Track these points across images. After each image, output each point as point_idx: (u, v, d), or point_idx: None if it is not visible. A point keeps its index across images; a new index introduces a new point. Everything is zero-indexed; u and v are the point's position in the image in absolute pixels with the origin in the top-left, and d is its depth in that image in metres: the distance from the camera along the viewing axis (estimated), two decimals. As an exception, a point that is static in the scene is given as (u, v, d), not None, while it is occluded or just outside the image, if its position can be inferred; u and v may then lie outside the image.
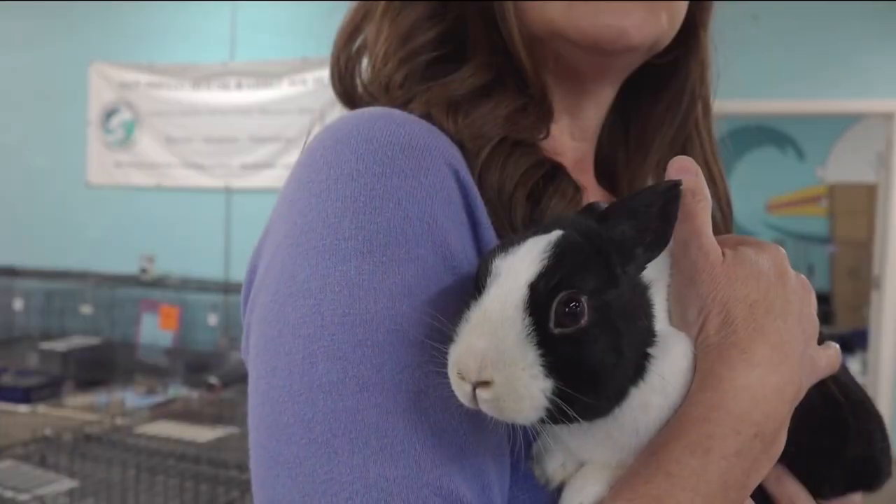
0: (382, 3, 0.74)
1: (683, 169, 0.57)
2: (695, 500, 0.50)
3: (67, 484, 2.57)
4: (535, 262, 0.50)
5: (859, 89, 5.38)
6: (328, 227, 0.55)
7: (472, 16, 0.72)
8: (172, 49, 6.13)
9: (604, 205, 0.58)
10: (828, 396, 0.63)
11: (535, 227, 0.56)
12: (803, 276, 0.62)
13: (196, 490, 2.57)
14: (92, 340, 5.68)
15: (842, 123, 8.02)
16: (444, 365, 0.52)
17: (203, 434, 3.14)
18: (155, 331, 5.72)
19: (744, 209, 9.04)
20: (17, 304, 6.04)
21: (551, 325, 0.49)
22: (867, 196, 7.43)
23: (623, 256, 0.53)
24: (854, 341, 6.73)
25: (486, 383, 0.49)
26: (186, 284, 5.79)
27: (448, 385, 0.51)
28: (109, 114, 6.31)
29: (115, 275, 5.95)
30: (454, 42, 0.73)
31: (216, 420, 3.53)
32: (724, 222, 0.83)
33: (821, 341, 0.64)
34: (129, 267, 5.93)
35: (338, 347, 0.53)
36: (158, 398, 4.96)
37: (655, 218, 0.54)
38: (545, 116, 0.71)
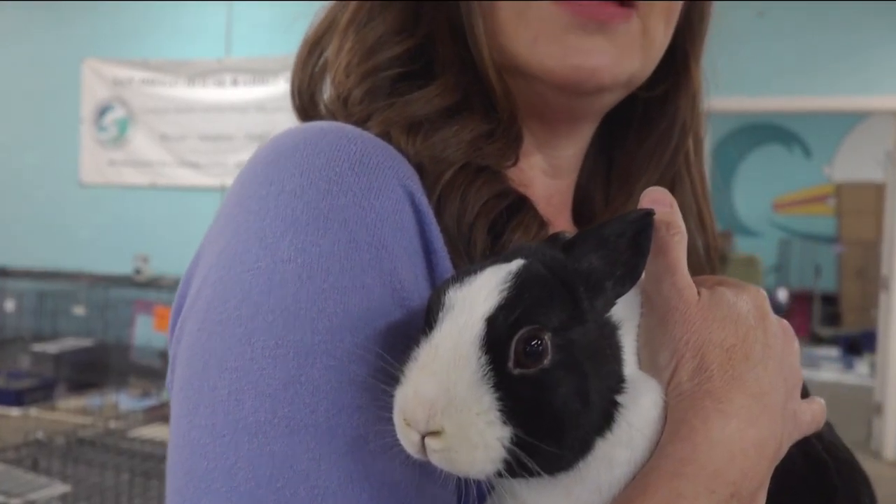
0: (349, 13, 0.69)
1: (657, 200, 0.52)
2: None
3: (60, 488, 2.57)
4: (493, 294, 0.45)
5: (867, 86, 5.35)
6: (265, 248, 0.50)
7: (442, 34, 0.68)
8: (167, 45, 6.09)
9: (570, 235, 0.53)
10: (812, 455, 0.57)
11: (495, 256, 0.51)
12: (786, 321, 0.57)
13: (191, 494, 2.56)
14: (85, 342, 5.69)
15: (849, 121, 8.02)
16: (389, 408, 0.46)
17: (198, 437, 3.08)
18: (149, 332, 5.69)
19: (750, 208, 9.01)
20: (9, 305, 6.03)
21: (510, 364, 0.44)
22: (875, 195, 7.43)
23: (591, 290, 0.48)
24: (862, 343, 6.73)
25: (436, 434, 0.43)
26: (181, 285, 5.75)
27: (392, 431, 0.46)
28: (103, 111, 6.28)
29: (108, 275, 5.94)
30: (422, 59, 0.68)
31: (212, 423, 3.50)
32: (710, 265, 0.78)
33: (809, 394, 0.59)
34: (123, 267, 5.89)
35: (267, 384, 0.47)
36: (153, 401, 4.97)
37: (626, 249, 0.49)
38: (513, 143, 0.66)
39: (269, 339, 0.48)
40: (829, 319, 8.02)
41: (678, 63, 0.76)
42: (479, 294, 0.45)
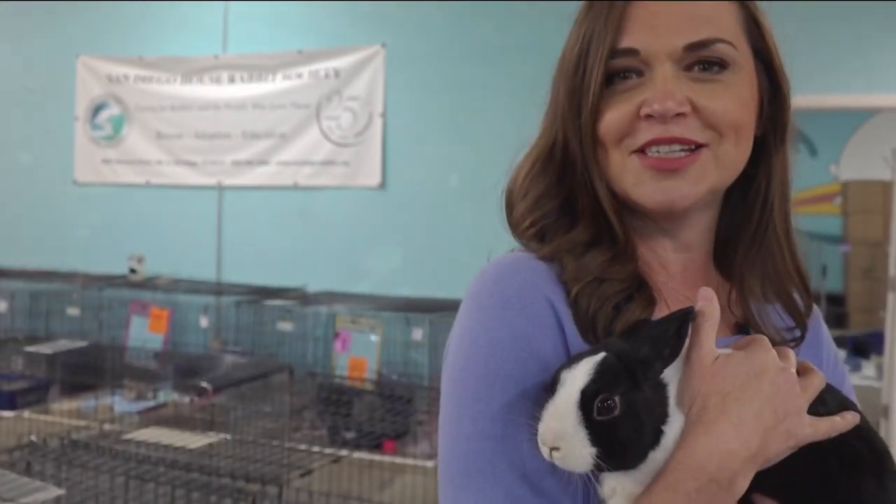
0: (524, 170, 1.04)
1: (704, 297, 0.84)
2: None
3: (54, 492, 2.53)
4: (585, 376, 0.78)
5: (873, 83, 5.29)
6: (471, 339, 0.90)
7: (580, 190, 0.99)
8: (162, 41, 6.02)
9: (652, 321, 0.87)
10: (818, 450, 0.84)
11: (590, 349, 0.83)
12: (792, 371, 0.84)
13: (187, 498, 2.55)
14: (79, 343, 5.62)
15: (855, 119, 7.97)
16: (535, 432, 0.80)
17: (194, 440, 3.07)
18: (144, 333, 5.65)
19: (753, 208, 8.92)
20: (2, 306, 5.98)
21: (595, 414, 0.77)
22: (882, 194, 7.35)
23: (644, 370, 0.79)
24: (869, 344, 6.66)
25: (556, 448, 0.78)
26: (177, 285, 5.71)
27: (537, 446, 0.80)
28: (97, 109, 6.19)
29: (103, 275, 5.86)
30: (571, 206, 1.01)
31: (208, 426, 3.52)
32: (806, 297, 1.05)
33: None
34: (118, 267, 5.82)
35: (472, 411, 0.86)
36: (148, 403, 4.93)
37: (672, 335, 0.80)
38: (629, 264, 0.96)
39: (474, 388, 0.87)
40: (835, 320, 7.93)
41: (764, 150, 1.03)
42: (579, 375, 0.79)
